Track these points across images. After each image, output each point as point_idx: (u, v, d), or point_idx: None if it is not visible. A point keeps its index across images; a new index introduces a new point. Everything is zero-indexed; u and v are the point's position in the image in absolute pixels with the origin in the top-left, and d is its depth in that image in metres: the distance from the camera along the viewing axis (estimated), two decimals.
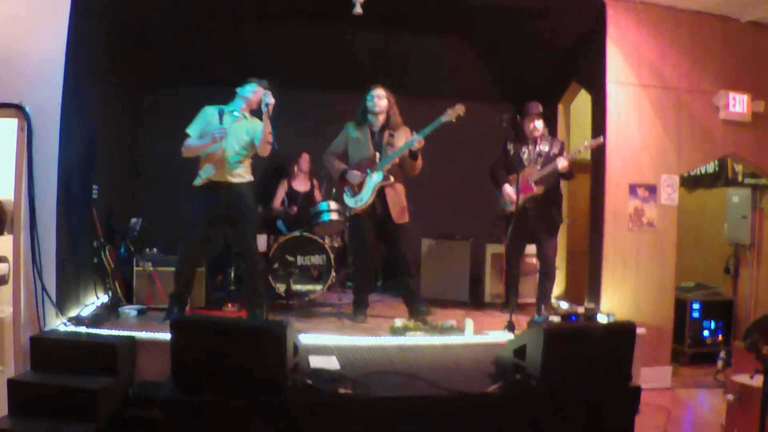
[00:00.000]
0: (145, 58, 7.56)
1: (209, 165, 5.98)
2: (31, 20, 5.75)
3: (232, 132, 5.97)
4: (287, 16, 7.47)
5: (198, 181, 6.00)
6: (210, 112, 6.02)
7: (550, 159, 6.59)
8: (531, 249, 7.13)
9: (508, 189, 6.63)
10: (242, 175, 6.12)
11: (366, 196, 6.45)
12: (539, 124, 6.73)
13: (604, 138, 6.64)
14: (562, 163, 6.39)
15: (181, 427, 3.97)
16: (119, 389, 5.09)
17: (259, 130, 6.02)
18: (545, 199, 6.64)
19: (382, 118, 6.50)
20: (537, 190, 6.56)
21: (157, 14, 6.85)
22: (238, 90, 6.12)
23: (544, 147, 6.66)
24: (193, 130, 6.01)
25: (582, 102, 8.00)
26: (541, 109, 6.74)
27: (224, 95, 6.18)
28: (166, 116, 6.19)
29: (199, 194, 6.02)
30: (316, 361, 4.66)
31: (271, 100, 5.86)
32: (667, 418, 5.97)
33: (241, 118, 6.10)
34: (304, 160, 8.37)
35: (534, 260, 7.16)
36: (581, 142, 6.72)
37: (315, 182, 8.52)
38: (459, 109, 6.20)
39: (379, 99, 6.44)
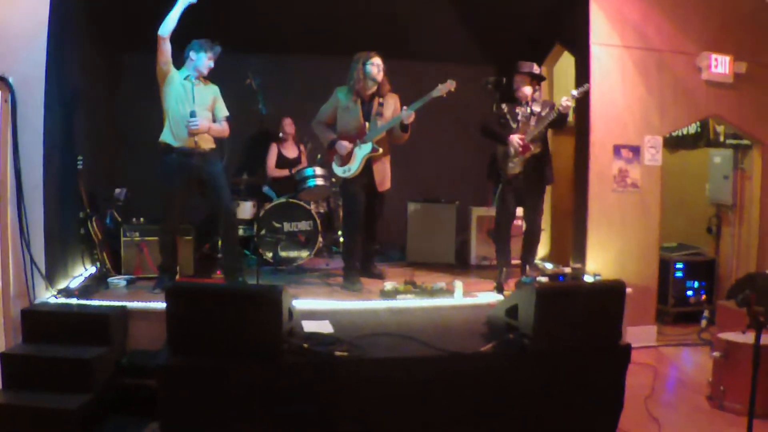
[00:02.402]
0: (124, 21, 7.45)
1: (181, 126, 6.00)
2: None
3: (198, 98, 6.04)
4: None
5: (171, 140, 6.02)
6: (174, 70, 6.07)
7: (542, 119, 6.58)
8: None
9: (516, 138, 6.49)
10: (209, 141, 6.18)
11: (354, 166, 6.48)
12: (528, 89, 6.67)
13: (588, 85, 6.59)
14: (565, 103, 6.25)
15: (177, 394, 4.00)
16: (112, 359, 5.10)
17: (217, 90, 6.19)
18: (537, 160, 6.63)
19: (375, 87, 6.50)
20: (534, 148, 6.51)
21: None
22: (193, 56, 6.08)
23: (536, 108, 6.63)
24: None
25: (565, 64, 8.00)
26: (533, 68, 6.67)
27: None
28: (145, 80, 6.12)
29: (169, 159, 6.03)
30: (309, 326, 4.69)
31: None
32: (654, 376, 6.06)
33: (198, 82, 6.13)
34: (287, 124, 8.34)
35: (520, 222, 7.17)
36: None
37: (302, 148, 8.51)
38: (450, 85, 6.20)
39: (379, 69, 6.42)
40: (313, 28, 7.96)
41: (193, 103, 5.98)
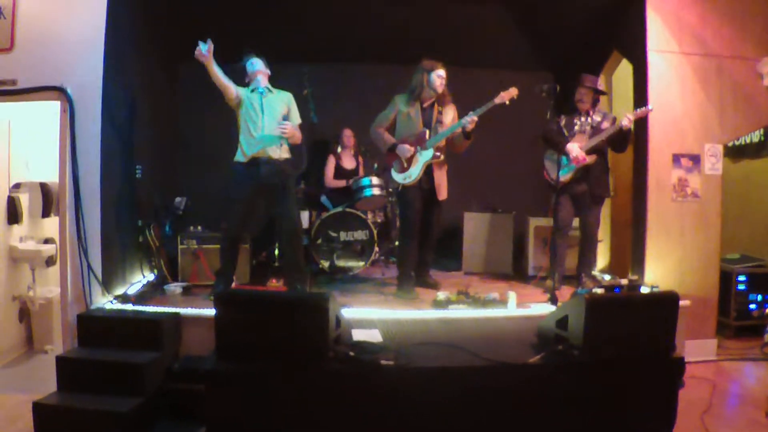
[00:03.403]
0: (182, 31, 7.58)
1: (251, 141, 6.05)
2: (68, 2, 5.82)
3: (266, 108, 6.08)
4: None
5: (241, 158, 6.05)
6: (244, 89, 6.15)
7: (600, 130, 6.52)
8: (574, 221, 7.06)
9: (575, 148, 6.50)
10: (283, 150, 6.18)
11: (415, 172, 6.47)
12: (589, 98, 6.66)
13: (649, 108, 6.51)
14: (626, 121, 6.28)
15: (224, 398, 4.03)
16: (164, 364, 5.16)
17: (291, 98, 6.23)
18: (594, 170, 6.58)
19: (435, 95, 6.52)
20: (590, 159, 6.49)
21: None
22: (251, 66, 6.16)
23: (597, 118, 6.58)
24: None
25: (623, 72, 7.88)
26: (597, 83, 6.64)
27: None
28: (204, 90, 6.21)
29: (239, 169, 6.07)
30: (358, 335, 4.69)
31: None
32: (712, 391, 5.91)
33: (267, 93, 6.16)
34: (347, 135, 8.40)
35: (576, 232, 7.09)
36: (623, 113, 6.63)
37: (361, 160, 8.56)
38: (513, 92, 6.20)
39: (442, 79, 6.45)
40: (369, 37, 7.99)
41: (263, 115, 6.06)
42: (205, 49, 5.66)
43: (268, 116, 6.08)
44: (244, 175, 6.06)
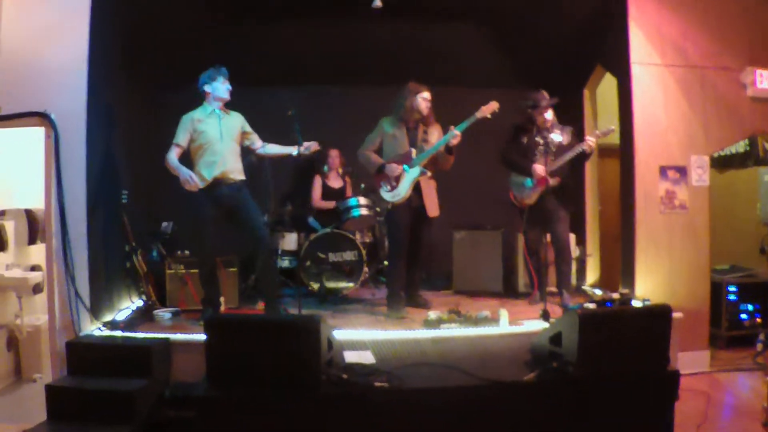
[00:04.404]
0: (164, 58, 7.58)
1: (210, 164, 6.06)
2: (52, 29, 5.80)
3: (224, 131, 6.12)
4: (308, 12, 7.47)
5: (201, 183, 6.03)
6: (191, 118, 6.13)
7: (563, 149, 6.60)
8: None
9: (540, 169, 6.60)
10: (240, 172, 6.23)
11: (403, 190, 6.49)
12: (549, 114, 6.77)
13: (613, 128, 6.62)
14: (588, 144, 6.42)
15: (215, 425, 4.00)
16: (155, 391, 5.08)
17: (242, 118, 6.29)
18: (557, 189, 6.69)
19: (420, 116, 6.57)
20: (553, 182, 6.61)
21: (176, 13, 6.88)
22: (209, 89, 6.13)
23: (556, 137, 6.66)
24: (180, 139, 6.11)
25: (607, 85, 7.91)
26: (548, 99, 6.70)
27: (246, 93, 6.22)
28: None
29: (199, 194, 6.04)
30: (350, 356, 4.66)
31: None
32: (707, 402, 5.89)
33: (223, 114, 6.19)
34: (334, 156, 8.41)
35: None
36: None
37: (348, 179, 8.54)
38: (493, 105, 6.29)
39: (427, 102, 6.52)
40: (352, 58, 8.01)
41: (221, 138, 6.08)
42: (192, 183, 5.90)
43: (226, 138, 6.12)
44: (205, 199, 6.05)
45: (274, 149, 6.35)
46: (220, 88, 6.11)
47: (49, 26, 5.80)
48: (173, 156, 6.04)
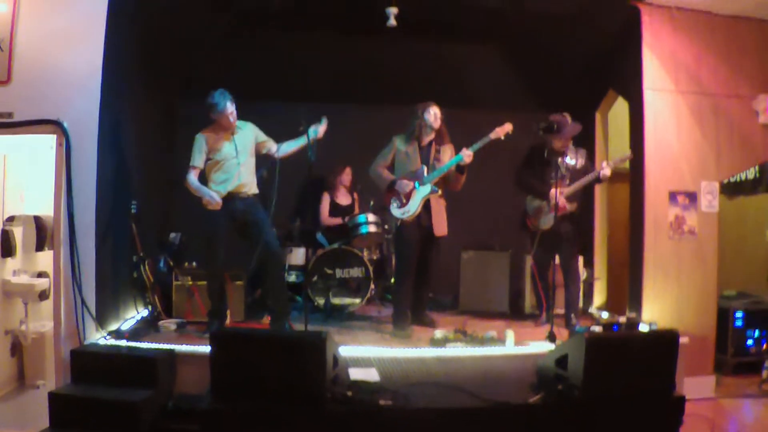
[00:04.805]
0: (178, 69, 7.62)
1: (226, 179, 6.08)
2: (67, 36, 5.82)
3: (239, 145, 6.14)
4: (323, 30, 7.53)
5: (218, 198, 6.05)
6: (204, 138, 6.14)
7: (577, 173, 6.56)
8: None
9: (555, 194, 6.45)
10: (254, 185, 6.27)
11: (413, 207, 6.46)
12: (570, 143, 6.71)
13: (630, 154, 6.60)
14: (604, 172, 6.35)
15: None
16: (159, 402, 5.08)
17: (255, 128, 6.33)
18: (570, 215, 6.66)
19: (433, 134, 6.54)
20: (570, 207, 6.55)
21: (191, 23, 6.93)
22: (222, 109, 6.03)
23: (570, 161, 6.61)
24: (197, 161, 6.12)
25: (619, 109, 7.91)
26: (572, 124, 6.64)
27: (259, 106, 6.22)
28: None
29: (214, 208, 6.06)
30: (356, 373, 4.64)
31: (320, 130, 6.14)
32: (711, 429, 5.86)
33: (238, 130, 6.21)
34: (346, 173, 8.42)
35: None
36: (619, 150, 6.66)
37: (356, 196, 8.54)
38: (507, 127, 6.27)
39: (436, 117, 6.48)
40: (366, 77, 8.04)
41: (237, 153, 6.10)
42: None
43: (242, 154, 6.13)
44: (220, 213, 6.05)
45: (290, 147, 6.29)
46: (229, 109, 6.07)
47: (64, 34, 5.83)
48: (193, 178, 6.08)
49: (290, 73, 7.58)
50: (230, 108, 6.04)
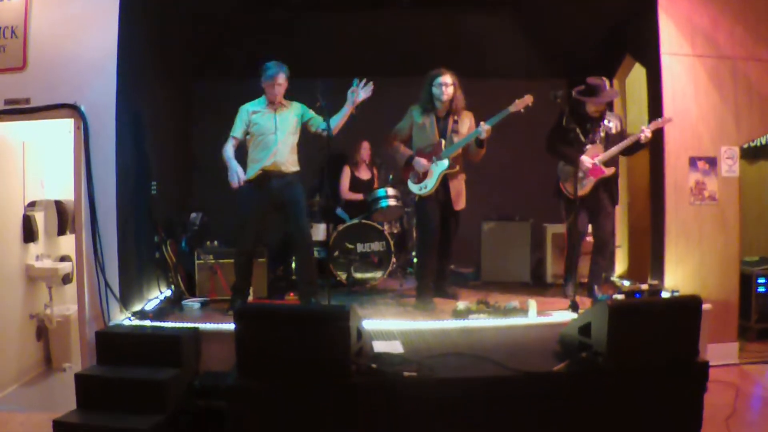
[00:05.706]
0: (194, 49, 7.62)
1: (263, 156, 6.04)
2: (81, 20, 5.85)
3: (280, 123, 6.08)
4: (337, 3, 7.50)
5: (251, 174, 6.05)
6: (247, 110, 6.15)
7: (613, 138, 6.46)
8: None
9: (587, 160, 6.43)
10: (293, 164, 6.21)
11: (431, 183, 6.44)
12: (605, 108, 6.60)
13: (668, 118, 6.47)
14: (646, 134, 6.24)
15: (246, 414, 4.01)
16: (185, 380, 5.13)
17: (302, 107, 6.25)
18: (607, 180, 6.53)
19: (447, 104, 6.45)
20: (608, 171, 6.43)
21: (207, 3, 6.93)
22: (263, 84, 6.08)
23: (609, 124, 6.52)
24: (237, 131, 6.14)
25: (637, 75, 7.84)
26: (611, 88, 6.57)
27: None
28: (217, 106, 6.22)
29: (250, 185, 6.06)
30: (379, 346, 4.66)
31: (362, 96, 6.08)
32: (735, 394, 5.85)
33: (281, 107, 6.17)
34: (365, 148, 8.43)
35: (590, 239, 7.02)
36: (638, 117, 6.58)
37: (375, 171, 8.54)
38: (527, 100, 6.17)
39: (446, 87, 6.36)
40: (382, 49, 7.99)
41: (276, 130, 6.07)
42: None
43: (281, 130, 6.08)
44: (255, 191, 6.07)
45: (338, 119, 6.14)
46: (271, 84, 6.05)
47: (78, 18, 5.85)
48: (229, 148, 6.10)
49: (304, 49, 7.55)
50: (280, 79, 6.03)
